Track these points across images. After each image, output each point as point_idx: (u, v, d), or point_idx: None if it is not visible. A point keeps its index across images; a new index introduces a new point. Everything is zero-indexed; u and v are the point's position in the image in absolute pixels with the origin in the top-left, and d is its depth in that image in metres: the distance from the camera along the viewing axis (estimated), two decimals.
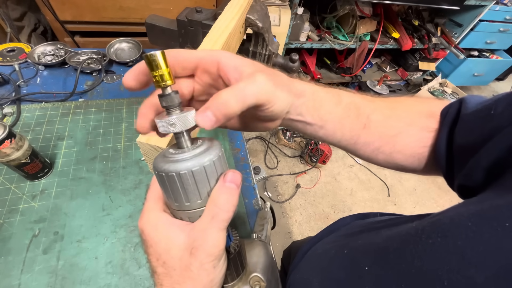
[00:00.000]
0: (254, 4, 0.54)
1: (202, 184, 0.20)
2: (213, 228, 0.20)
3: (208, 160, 0.20)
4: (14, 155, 0.49)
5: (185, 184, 0.20)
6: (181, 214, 0.21)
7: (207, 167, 0.20)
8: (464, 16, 1.93)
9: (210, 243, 0.19)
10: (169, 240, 0.20)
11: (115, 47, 0.89)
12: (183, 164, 0.19)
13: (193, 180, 0.19)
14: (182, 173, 0.19)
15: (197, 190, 0.20)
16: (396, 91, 2.03)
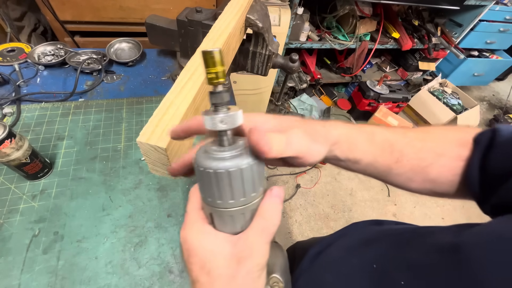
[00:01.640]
0: (254, 4, 0.54)
1: (248, 182, 0.21)
2: (262, 240, 0.21)
3: (253, 160, 0.21)
4: (14, 155, 0.49)
5: (233, 181, 0.20)
6: (223, 213, 0.22)
7: (253, 166, 0.21)
8: (464, 16, 1.93)
9: (258, 254, 0.20)
10: (215, 249, 0.21)
11: (115, 47, 0.89)
12: (232, 161, 0.20)
13: (240, 177, 0.20)
14: (231, 170, 0.20)
15: (243, 187, 0.21)
16: (396, 91, 2.03)
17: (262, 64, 0.63)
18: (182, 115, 0.31)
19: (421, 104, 2.17)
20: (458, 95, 2.20)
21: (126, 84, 0.81)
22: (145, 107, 0.75)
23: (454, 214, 1.71)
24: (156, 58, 0.92)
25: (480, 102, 2.68)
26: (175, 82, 0.35)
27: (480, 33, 2.05)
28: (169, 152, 0.30)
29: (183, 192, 0.61)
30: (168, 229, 0.55)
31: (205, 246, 0.21)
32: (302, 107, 2.04)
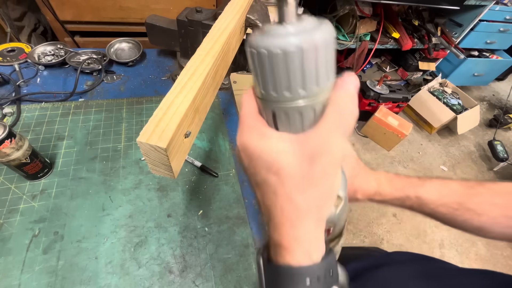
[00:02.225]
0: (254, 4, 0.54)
1: (322, 65, 0.16)
2: (338, 134, 0.18)
3: (330, 34, 0.16)
4: (14, 155, 0.49)
5: (305, 63, 0.16)
6: (290, 109, 0.18)
7: (329, 44, 0.16)
8: (464, 16, 1.93)
9: (335, 149, 0.18)
10: (282, 148, 0.18)
11: (115, 47, 0.89)
12: (303, 36, 0.15)
13: (314, 58, 0.15)
14: (305, 47, 0.15)
15: (316, 72, 0.16)
16: (396, 91, 2.03)
17: None
18: (182, 115, 0.31)
19: (421, 104, 2.17)
20: (458, 95, 2.20)
21: (126, 84, 0.81)
22: (145, 107, 0.75)
23: None
24: (156, 58, 0.92)
25: (480, 102, 2.68)
26: (175, 82, 0.35)
27: (480, 33, 2.05)
28: (169, 152, 0.30)
29: (183, 192, 0.61)
30: (168, 229, 0.55)
31: (271, 147, 0.19)
32: None
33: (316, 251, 0.19)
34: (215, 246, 0.54)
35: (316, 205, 0.19)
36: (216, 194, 0.62)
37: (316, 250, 0.19)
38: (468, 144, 2.25)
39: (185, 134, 0.35)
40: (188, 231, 0.55)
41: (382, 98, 1.97)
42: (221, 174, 0.65)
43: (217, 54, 0.39)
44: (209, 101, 0.42)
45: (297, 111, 0.18)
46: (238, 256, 0.54)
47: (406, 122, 1.91)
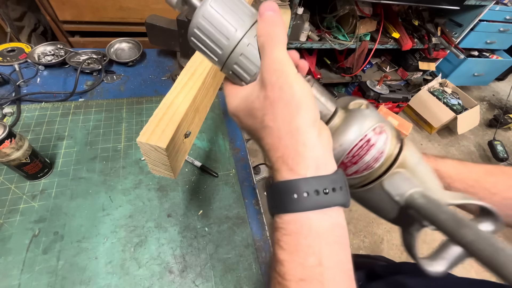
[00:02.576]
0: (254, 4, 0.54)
1: (235, 5, 0.21)
2: (272, 53, 0.20)
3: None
4: (14, 155, 0.49)
5: (221, 11, 0.20)
6: (238, 57, 0.21)
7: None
8: (464, 16, 1.93)
9: (277, 67, 0.20)
10: (247, 95, 0.22)
11: (115, 47, 0.89)
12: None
13: (223, 4, 0.20)
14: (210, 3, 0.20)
15: (234, 13, 0.20)
16: (396, 91, 2.03)
17: None
18: (182, 115, 0.31)
19: (421, 104, 2.17)
20: (458, 95, 2.20)
21: (126, 84, 0.81)
22: (145, 107, 0.75)
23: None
24: (156, 58, 0.92)
25: (480, 102, 2.68)
26: (175, 82, 0.35)
27: (480, 33, 2.05)
28: (169, 152, 0.30)
29: (183, 192, 0.61)
30: (168, 229, 0.55)
31: (240, 101, 0.23)
32: None
33: (313, 165, 0.20)
34: (215, 246, 0.54)
35: (288, 120, 0.20)
36: (216, 194, 0.62)
37: (313, 162, 0.20)
38: (468, 144, 2.25)
39: (185, 134, 0.35)
40: (188, 231, 0.55)
41: (382, 98, 1.97)
42: (221, 174, 0.65)
43: None
44: (209, 101, 0.42)
45: (242, 56, 0.21)
46: (238, 256, 0.54)
47: (406, 122, 1.91)
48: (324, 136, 0.21)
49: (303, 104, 0.20)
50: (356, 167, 0.24)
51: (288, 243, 0.19)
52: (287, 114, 0.20)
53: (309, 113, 0.20)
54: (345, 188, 0.20)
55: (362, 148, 0.23)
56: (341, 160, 0.24)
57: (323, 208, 0.19)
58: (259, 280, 0.51)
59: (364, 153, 0.23)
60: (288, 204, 0.19)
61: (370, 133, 0.23)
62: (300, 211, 0.19)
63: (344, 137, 0.23)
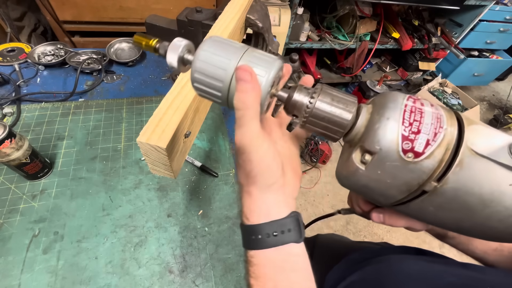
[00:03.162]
0: (254, 4, 0.54)
1: (220, 54, 0.22)
2: (237, 130, 0.22)
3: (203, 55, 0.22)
4: (14, 155, 0.49)
5: (211, 60, 0.22)
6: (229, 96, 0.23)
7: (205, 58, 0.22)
8: (464, 16, 1.93)
9: (238, 142, 0.23)
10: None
11: (115, 47, 0.89)
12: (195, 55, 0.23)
13: (211, 55, 0.22)
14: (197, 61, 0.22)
15: (223, 56, 0.22)
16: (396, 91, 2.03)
17: None
18: (182, 115, 0.31)
19: None
20: (458, 95, 2.20)
21: (126, 84, 0.81)
22: (145, 107, 0.75)
23: None
24: (156, 58, 0.91)
25: (480, 102, 2.68)
26: (175, 82, 0.35)
27: (480, 33, 2.05)
28: (169, 152, 0.30)
29: (183, 192, 0.61)
30: (168, 229, 0.55)
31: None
32: None
33: (263, 215, 0.25)
34: (215, 246, 0.54)
35: (246, 184, 0.25)
36: (216, 194, 0.62)
37: (263, 213, 0.25)
38: None
39: (185, 134, 0.35)
40: (188, 231, 0.55)
41: None
42: (221, 174, 0.65)
43: None
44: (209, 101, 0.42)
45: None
46: (238, 256, 0.54)
47: None
48: (287, 187, 0.26)
49: (258, 177, 0.24)
50: (424, 135, 0.19)
51: (254, 272, 0.25)
52: (245, 181, 0.25)
53: (264, 182, 0.25)
54: (295, 228, 0.25)
55: (412, 112, 0.19)
56: (401, 134, 0.19)
57: (274, 247, 0.24)
58: None
59: (420, 116, 0.19)
60: (251, 243, 0.25)
61: (409, 99, 0.21)
62: (257, 249, 0.25)
63: (384, 115, 0.20)
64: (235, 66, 0.21)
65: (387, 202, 0.22)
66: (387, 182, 0.20)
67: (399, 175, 0.20)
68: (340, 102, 0.22)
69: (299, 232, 0.25)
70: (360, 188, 0.23)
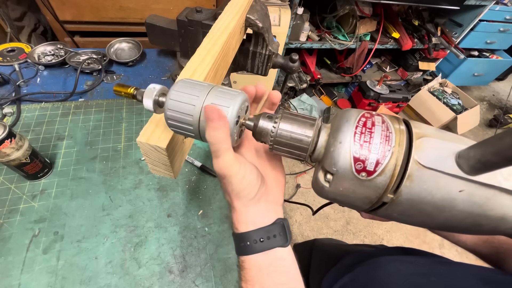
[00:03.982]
0: (254, 4, 0.54)
1: (188, 92, 0.25)
2: (217, 158, 0.25)
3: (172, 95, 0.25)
4: (14, 155, 0.49)
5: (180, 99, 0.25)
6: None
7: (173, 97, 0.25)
8: (464, 16, 1.93)
9: (217, 170, 0.26)
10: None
11: (115, 47, 0.89)
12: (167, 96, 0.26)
13: (179, 98, 0.25)
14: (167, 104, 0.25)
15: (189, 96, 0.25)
16: (396, 91, 2.03)
17: (262, 64, 0.63)
18: None
19: (421, 104, 2.17)
20: (458, 95, 2.20)
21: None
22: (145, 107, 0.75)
23: None
24: (156, 58, 0.92)
25: (480, 102, 2.68)
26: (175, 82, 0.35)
27: (480, 33, 2.05)
28: (169, 152, 0.30)
29: (183, 192, 0.61)
30: (168, 229, 0.55)
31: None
32: (302, 107, 2.04)
33: (251, 224, 0.28)
34: (215, 246, 0.54)
35: (230, 202, 0.29)
36: (216, 194, 0.62)
37: (250, 223, 0.28)
38: None
39: None
40: (188, 231, 0.55)
41: (382, 98, 1.97)
42: None
43: (217, 54, 0.39)
44: None
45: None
46: None
47: None
48: (269, 197, 0.29)
49: (240, 195, 0.27)
50: (374, 155, 0.21)
51: (244, 276, 0.28)
52: (229, 199, 0.29)
53: (245, 198, 0.27)
54: (281, 234, 0.28)
55: (363, 133, 0.21)
56: (353, 156, 0.21)
57: (261, 252, 0.27)
58: None
59: (370, 137, 0.21)
60: (241, 250, 0.28)
61: (361, 119, 0.22)
62: (246, 255, 0.27)
63: (337, 139, 0.22)
64: (203, 101, 0.24)
65: (359, 209, 0.25)
66: (350, 196, 0.23)
67: (358, 191, 0.22)
68: (299, 126, 0.24)
69: (285, 237, 0.28)
70: (332, 200, 0.25)
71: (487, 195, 0.19)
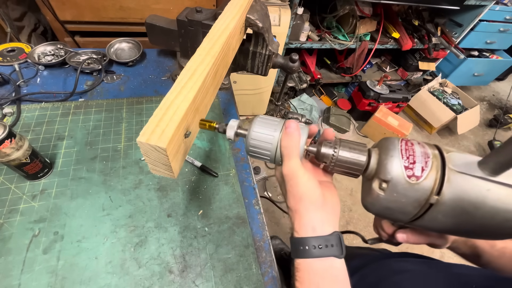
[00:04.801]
0: (254, 4, 0.54)
1: (266, 129, 0.33)
2: (288, 160, 0.31)
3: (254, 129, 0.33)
4: (14, 155, 0.49)
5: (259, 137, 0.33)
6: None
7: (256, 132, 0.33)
8: (464, 16, 1.93)
9: (284, 175, 0.31)
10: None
11: (115, 47, 0.89)
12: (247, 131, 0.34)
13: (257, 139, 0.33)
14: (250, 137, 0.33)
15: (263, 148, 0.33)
16: (396, 91, 2.03)
17: (262, 64, 0.63)
18: (182, 115, 0.31)
19: (421, 104, 2.17)
20: (458, 95, 2.20)
21: (126, 84, 0.81)
22: (145, 107, 0.75)
23: None
24: (156, 58, 0.92)
25: (480, 102, 2.68)
26: (175, 82, 0.35)
27: (480, 33, 2.05)
28: (169, 152, 0.30)
29: (183, 192, 0.61)
30: (168, 229, 0.55)
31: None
32: (302, 107, 2.04)
33: (310, 230, 0.31)
34: (215, 246, 0.54)
35: (293, 204, 0.32)
36: (216, 194, 0.62)
37: (309, 229, 0.31)
38: (468, 144, 2.25)
39: (185, 134, 0.35)
40: (188, 231, 0.55)
41: (382, 98, 1.97)
42: (221, 174, 0.65)
43: (217, 54, 0.39)
44: (209, 101, 0.42)
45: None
46: (238, 256, 0.54)
47: (406, 122, 1.91)
48: (327, 208, 0.32)
49: (303, 196, 0.31)
50: (419, 164, 0.26)
51: (299, 277, 0.30)
52: (293, 202, 0.32)
53: (308, 200, 0.31)
54: (338, 245, 0.30)
55: (407, 150, 0.27)
56: (403, 165, 0.27)
57: (318, 258, 0.29)
58: (259, 280, 0.51)
59: (413, 151, 0.27)
60: (299, 253, 0.30)
61: (402, 141, 0.29)
62: (304, 258, 0.30)
63: (388, 154, 0.28)
64: (280, 130, 0.32)
65: (407, 218, 0.28)
66: (402, 201, 0.27)
67: (409, 194, 0.26)
68: (355, 150, 0.31)
69: (341, 248, 0.30)
70: (384, 211, 0.29)
71: (509, 193, 0.23)
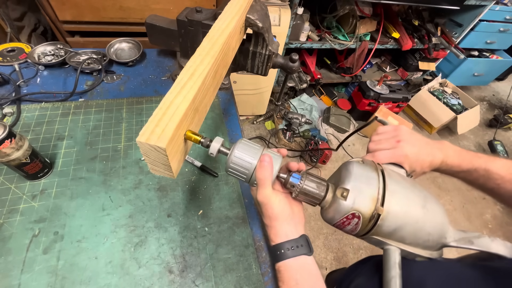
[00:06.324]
0: (254, 4, 0.54)
1: (246, 156, 0.38)
2: (262, 189, 0.38)
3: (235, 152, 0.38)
4: (14, 155, 0.49)
5: (241, 158, 0.38)
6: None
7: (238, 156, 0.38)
8: (464, 16, 1.93)
9: (259, 201, 0.39)
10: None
11: (115, 47, 0.89)
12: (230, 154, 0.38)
13: (239, 157, 0.38)
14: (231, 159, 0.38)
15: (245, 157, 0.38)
16: (396, 91, 2.03)
17: (262, 64, 0.63)
18: (182, 115, 0.31)
19: (421, 104, 2.17)
20: (458, 95, 2.20)
21: (126, 84, 0.81)
22: (145, 107, 0.75)
23: (454, 213, 1.71)
24: (156, 58, 0.92)
25: (480, 102, 2.68)
26: (175, 82, 0.35)
27: (480, 33, 2.05)
28: (168, 152, 0.30)
29: (183, 192, 0.61)
30: (168, 229, 0.55)
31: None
32: (302, 107, 2.04)
33: (284, 236, 0.39)
34: (215, 246, 0.54)
35: (269, 223, 0.40)
36: (216, 194, 0.62)
37: (283, 236, 0.39)
38: (468, 144, 2.25)
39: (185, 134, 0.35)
40: (188, 231, 0.55)
41: (382, 98, 1.97)
42: (221, 174, 0.65)
43: (217, 54, 0.39)
44: (209, 101, 0.42)
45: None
46: (238, 256, 0.54)
47: (406, 122, 1.91)
48: (295, 218, 0.41)
49: (277, 216, 0.39)
50: (348, 228, 0.36)
51: (281, 277, 0.38)
52: (269, 220, 0.39)
53: (280, 218, 0.39)
54: (305, 245, 0.38)
55: (342, 222, 0.35)
56: (336, 223, 0.36)
57: (293, 257, 0.37)
58: (259, 280, 0.51)
59: (345, 225, 0.35)
60: (277, 257, 0.38)
61: (343, 219, 0.35)
62: (282, 260, 0.38)
63: (330, 215, 0.37)
64: (258, 157, 0.37)
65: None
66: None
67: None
68: (317, 184, 0.38)
69: (308, 247, 0.38)
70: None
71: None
